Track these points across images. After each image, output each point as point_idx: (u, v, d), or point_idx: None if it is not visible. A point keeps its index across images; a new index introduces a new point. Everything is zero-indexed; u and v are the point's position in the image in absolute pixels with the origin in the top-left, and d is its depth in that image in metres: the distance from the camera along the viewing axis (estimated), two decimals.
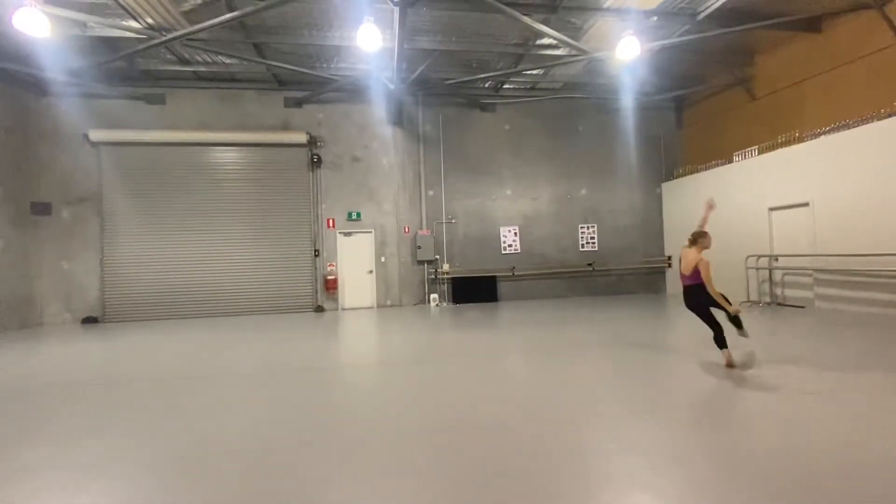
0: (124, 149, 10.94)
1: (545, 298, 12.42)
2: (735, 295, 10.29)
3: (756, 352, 5.48)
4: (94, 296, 10.82)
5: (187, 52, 9.78)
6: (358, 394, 4.45)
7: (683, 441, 2.98)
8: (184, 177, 11.20)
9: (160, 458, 3.01)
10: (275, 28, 8.99)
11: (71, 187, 10.79)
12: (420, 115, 12.28)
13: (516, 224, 12.66)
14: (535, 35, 9.41)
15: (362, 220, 11.97)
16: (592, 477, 2.57)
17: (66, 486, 2.64)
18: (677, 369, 4.92)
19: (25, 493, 2.58)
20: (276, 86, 11.56)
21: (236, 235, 11.35)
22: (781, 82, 10.14)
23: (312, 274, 11.69)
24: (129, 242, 10.96)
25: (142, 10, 8.03)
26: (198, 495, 2.50)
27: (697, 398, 3.91)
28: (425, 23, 8.98)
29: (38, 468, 2.90)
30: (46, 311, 10.62)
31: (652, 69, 10.95)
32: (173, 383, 4.97)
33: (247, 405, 4.12)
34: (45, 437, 3.47)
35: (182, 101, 11.25)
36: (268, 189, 11.52)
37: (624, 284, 13.04)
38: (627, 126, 13.06)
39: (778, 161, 9.56)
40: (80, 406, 4.26)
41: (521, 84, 12.32)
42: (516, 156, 12.73)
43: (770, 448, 2.83)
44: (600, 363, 5.25)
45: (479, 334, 7.37)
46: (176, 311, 11.00)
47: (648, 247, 13.22)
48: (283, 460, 2.91)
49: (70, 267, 10.74)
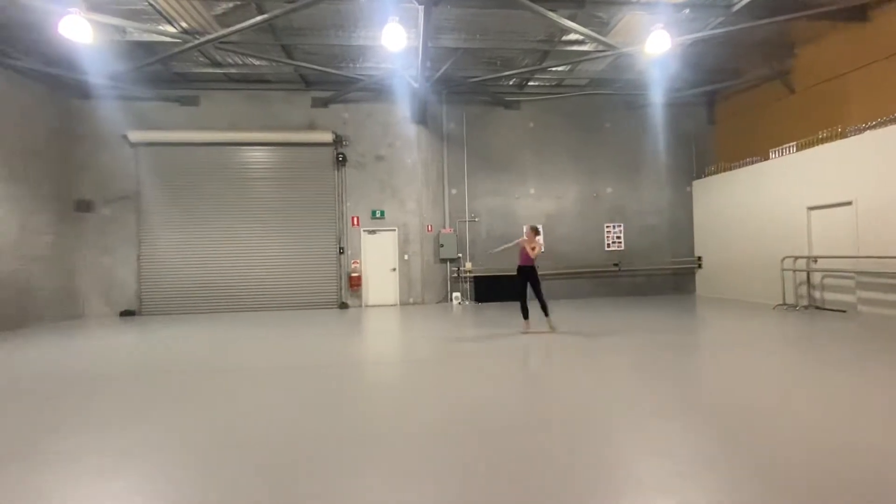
0: (160, 149, 11.39)
1: (569, 298, 12.24)
2: (769, 297, 9.89)
3: (790, 357, 5.25)
4: (132, 290, 11.31)
5: (219, 54, 10.09)
6: (382, 390, 4.50)
7: (715, 445, 2.88)
8: (215, 176, 11.58)
9: (191, 446, 3.12)
10: (302, 29, 9.16)
11: (111, 186, 11.31)
12: (444, 114, 12.29)
13: (540, 222, 12.48)
14: (560, 31, 9.27)
15: (386, 218, 12.08)
16: (617, 480, 2.52)
17: (105, 471, 2.76)
18: (708, 371, 4.76)
19: (67, 476, 2.72)
20: (304, 86, 11.79)
21: (264, 233, 11.65)
22: (823, 75, 9.65)
23: (337, 271, 11.89)
24: (164, 239, 11.41)
25: (177, 15, 8.33)
26: (225, 482, 2.58)
27: (729, 402, 3.77)
28: (450, 21, 8.97)
29: (79, 453, 3.05)
30: (87, 304, 11.17)
31: (683, 63, 10.61)
32: (206, 375, 5.14)
33: (275, 398, 4.22)
34: (87, 423, 3.65)
35: (214, 103, 11.62)
36: (294, 187, 11.78)
37: (651, 285, 12.72)
38: (656, 122, 12.71)
39: (819, 157, 9.11)
40: (118, 395, 4.46)
41: (546, 81, 12.16)
42: (540, 154, 12.58)
43: (802, 459, 2.70)
44: (628, 364, 5.14)
45: (502, 333, 7.33)
46: (207, 306, 11.39)
47: (677, 246, 12.84)
48: (307, 452, 2.97)
49: (109, 262, 11.26)
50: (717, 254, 11.99)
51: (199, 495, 2.45)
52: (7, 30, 8.51)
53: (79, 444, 3.21)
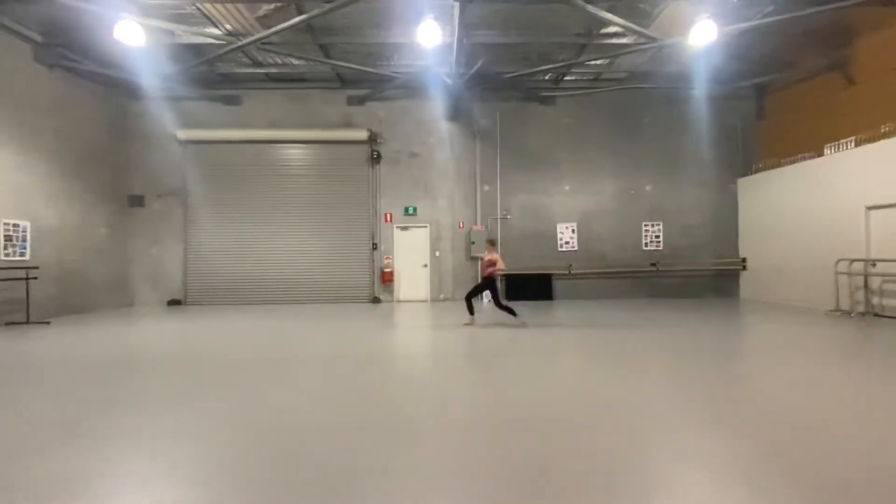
0: (205, 147, 11.91)
1: (603, 299, 11.96)
2: (821, 302, 9.33)
3: (848, 367, 4.94)
4: (178, 280, 11.92)
5: (261, 55, 10.43)
6: (414, 385, 4.55)
7: (754, 456, 2.75)
8: (256, 172, 12.01)
9: (231, 430, 3.27)
10: (339, 28, 9.34)
11: (160, 182, 11.93)
12: (477, 110, 12.23)
13: (574, 220, 12.28)
14: (599, 24, 9.03)
15: (418, 214, 12.18)
16: (648, 488, 2.45)
17: (156, 452, 2.93)
18: (751, 378, 4.55)
19: (123, 453, 2.91)
20: (340, 85, 12.02)
21: (301, 228, 12.00)
22: (885, 65, 8.96)
23: (370, 266, 12.09)
24: (208, 232, 11.95)
25: (222, 18, 8.68)
26: (262, 468, 2.69)
27: (773, 411, 3.58)
28: (485, 16, 8.91)
29: (133, 432, 3.25)
30: (138, 293, 11.86)
31: (729, 55, 10.11)
32: (247, 363, 5.36)
33: (312, 387, 4.35)
34: (139, 404, 3.89)
35: (255, 102, 12.03)
36: (330, 184, 12.06)
37: (691, 287, 12.24)
38: (700, 117, 12.18)
39: (880, 153, 8.48)
40: (167, 378, 4.72)
41: (584, 75, 11.89)
42: (576, 150, 12.32)
43: (861, 478, 2.54)
44: (665, 368, 4.98)
45: (533, 333, 7.25)
46: (247, 297, 11.85)
47: (720, 247, 12.29)
48: (337, 442, 3.04)
49: (158, 254, 11.91)
50: (764, 255, 11.40)
51: (239, 478, 2.56)
52: (67, 34, 9.11)
53: (133, 423, 3.42)
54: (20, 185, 8.85)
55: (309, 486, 2.46)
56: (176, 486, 2.48)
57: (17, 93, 8.81)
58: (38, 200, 9.25)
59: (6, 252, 8.49)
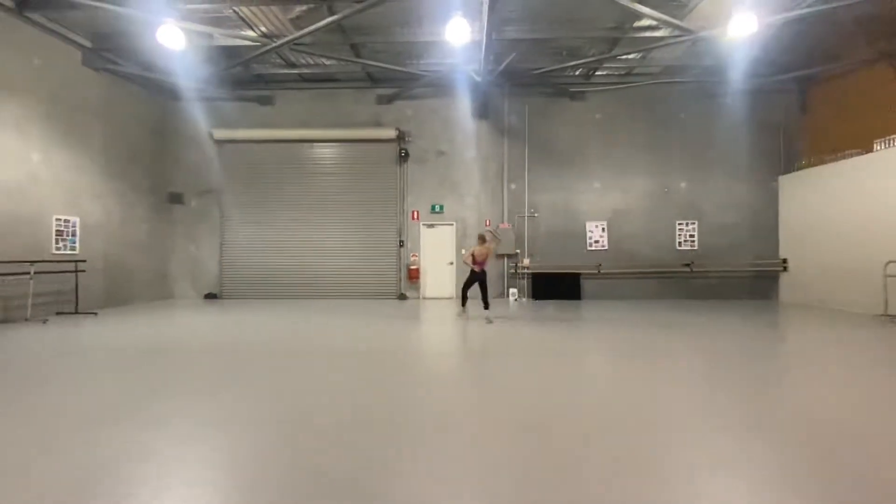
0: (240, 146, 12.30)
1: (634, 299, 11.69)
2: (868, 307, 8.84)
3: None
4: (214, 275, 12.36)
5: (293, 55, 10.67)
6: (440, 381, 4.58)
7: (794, 463, 2.65)
8: (288, 171, 12.31)
9: (263, 419, 3.38)
10: (369, 28, 9.45)
11: (198, 180, 12.40)
12: (505, 107, 12.15)
13: (604, 219, 12.04)
14: (632, 17, 8.82)
15: (444, 212, 12.21)
16: (677, 495, 2.39)
17: (193, 437, 3.07)
18: (790, 384, 4.37)
19: (166, 437, 3.06)
20: (370, 84, 12.17)
21: (330, 225, 12.24)
22: None
23: (397, 263, 12.21)
24: (242, 229, 12.34)
25: (257, 20, 8.94)
26: (292, 456, 2.77)
27: (813, 418, 3.43)
28: (514, 12, 8.84)
29: (174, 417, 3.41)
30: (176, 287, 12.37)
31: (771, 46, 9.69)
32: (279, 355, 5.52)
33: (341, 380, 4.44)
34: (180, 390, 4.07)
35: (287, 102, 12.33)
36: (359, 182, 12.24)
37: (727, 288, 11.81)
38: (738, 112, 11.73)
39: None
40: (206, 367, 4.92)
41: (616, 70, 11.64)
42: (607, 146, 12.08)
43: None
44: (699, 372, 4.84)
45: (562, 332, 7.17)
46: (279, 292, 12.17)
47: (759, 247, 11.81)
48: (362, 436, 3.10)
49: (195, 250, 12.38)
50: (807, 256, 10.88)
51: (273, 466, 2.65)
52: (112, 39, 9.58)
53: (174, 408, 3.58)
54: (71, 183, 9.37)
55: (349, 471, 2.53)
56: (216, 470, 2.59)
57: (70, 97, 9.32)
58: (87, 197, 9.76)
59: (57, 246, 9.00)
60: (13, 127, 8.19)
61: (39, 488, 2.38)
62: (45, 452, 2.78)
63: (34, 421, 3.33)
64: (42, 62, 8.71)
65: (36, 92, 8.60)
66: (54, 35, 8.95)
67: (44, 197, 8.76)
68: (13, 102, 8.19)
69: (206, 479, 2.49)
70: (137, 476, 2.50)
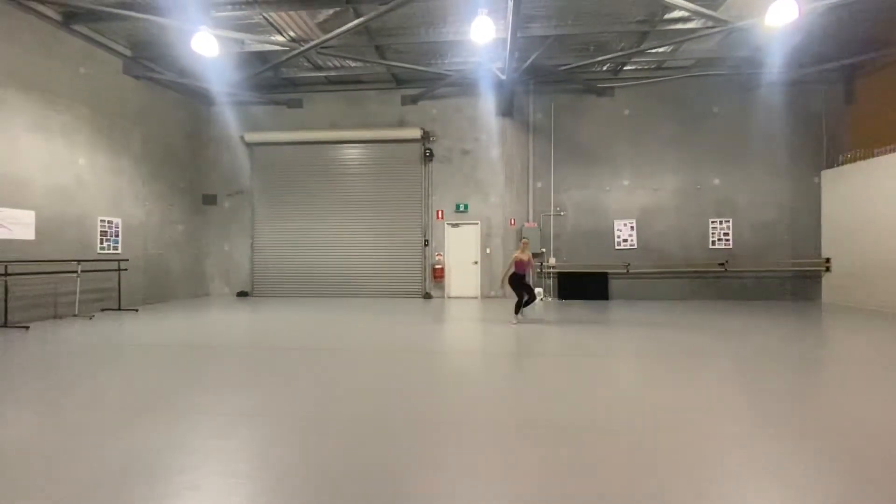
0: (270, 148, 12.65)
1: (665, 300, 11.37)
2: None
3: None
4: (246, 273, 12.76)
5: (320, 58, 10.88)
6: (465, 381, 4.58)
7: (833, 472, 2.52)
8: (316, 172, 12.58)
9: (289, 414, 3.47)
10: (394, 29, 9.53)
11: (231, 181, 12.82)
12: (531, 105, 12.02)
13: (633, 217, 11.75)
14: (663, 9, 8.56)
15: (469, 211, 12.19)
16: (709, 500, 2.32)
17: (222, 429, 3.18)
18: (833, 391, 4.16)
19: (193, 430, 3.19)
20: (395, 85, 12.27)
21: (357, 225, 12.43)
22: None
23: (422, 262, 12.28)
24: (273, 229, 12.69)
25: (286, 26, 9.15)
26: (317, 451, 2.84)
27: (856, 426, 3.25)
28: (539, 8, 8.72)
29: (206, 410, 3.55)
30: (212, 285, 12.84)
31: (812, 35, 9.22)
32: (309, 351, 5.65)
33: (367, 378, 4.52)
34: (212, 385, 4.23)
35: (315, 105, 12.58)
36: (385, 182, 12.38)
37: (764, 289, 11.33)
38: (776, 105, 11.22)
39: None
40: (238, 363, 5.09)
41: (645, 64, 11.33)
42: (636, 143, 11.77)
43: None
44: (734, 376, 4.66)
45: (590, 333, 7.05)
46: (308, 290, 12.46)
47: (799, 246, 11.27)
48: (389, 435, 3.14)
49: (229, 249, 12.82)
50: (852, 255, 10.31)
51: (304, 461, 2.72)
52: (150, 48, 10.01)
53: (206, 401, 3.72)
54: (114, 187, 9.86)
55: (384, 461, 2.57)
56: (250, 460, 2.68)
57: (112, 104, 9.81)
58: (128, 199, 10.25)
59: (102, 246, 9.49)
60: (60, 133, 8.68)
61: (87, 474, 2.52)
62: (110, 437, 2.95)
63: (92, 409, 3.53)
64: (86, 71, 9.20)
65: (81, 99, 9.09)
66: (97, 45, 9.43)
67: (89, 199, 9.25)
68: (61, 110, 8.69)
69: (240, 471, 2.58)
70: (176, 465, 2.61)
